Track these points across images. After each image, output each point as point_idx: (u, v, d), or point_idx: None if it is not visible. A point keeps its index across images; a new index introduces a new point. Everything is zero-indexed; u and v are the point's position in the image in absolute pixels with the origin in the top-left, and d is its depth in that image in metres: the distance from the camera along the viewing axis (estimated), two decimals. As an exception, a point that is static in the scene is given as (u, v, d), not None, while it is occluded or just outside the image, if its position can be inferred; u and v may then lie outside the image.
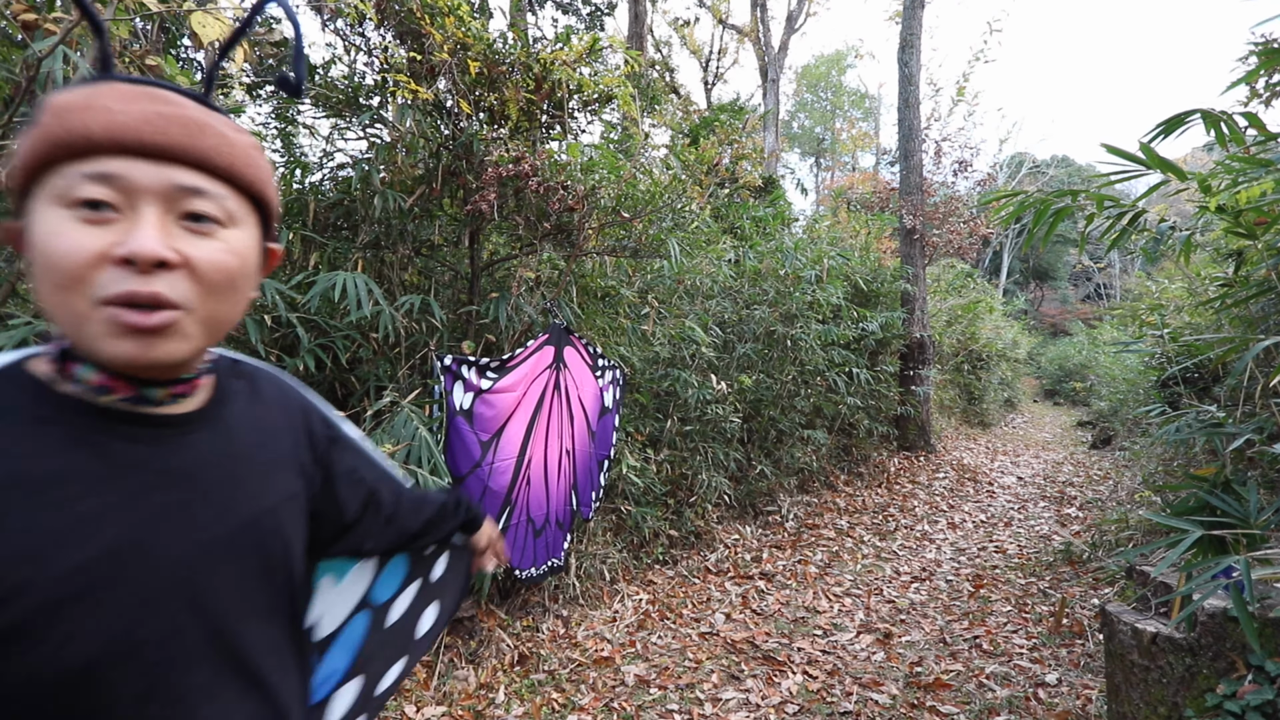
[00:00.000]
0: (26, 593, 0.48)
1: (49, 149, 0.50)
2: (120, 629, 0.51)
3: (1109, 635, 2.29)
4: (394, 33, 2.91)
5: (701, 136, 6.44)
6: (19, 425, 0.52)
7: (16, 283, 1.80)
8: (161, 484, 0.56)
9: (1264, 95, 4.50)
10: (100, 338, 0.50)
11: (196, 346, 0.55)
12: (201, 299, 0.54)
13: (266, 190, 0.60)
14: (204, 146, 0.53)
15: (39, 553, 0.49)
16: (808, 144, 29.54)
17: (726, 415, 4.45)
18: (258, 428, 0.67)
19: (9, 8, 1.63)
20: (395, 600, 1.04)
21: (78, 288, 0.50)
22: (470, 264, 3.17)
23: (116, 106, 0.50)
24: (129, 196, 0.50)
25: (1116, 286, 28.07)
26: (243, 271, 0.57)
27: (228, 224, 0.56)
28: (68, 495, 0.51)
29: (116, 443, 0.55)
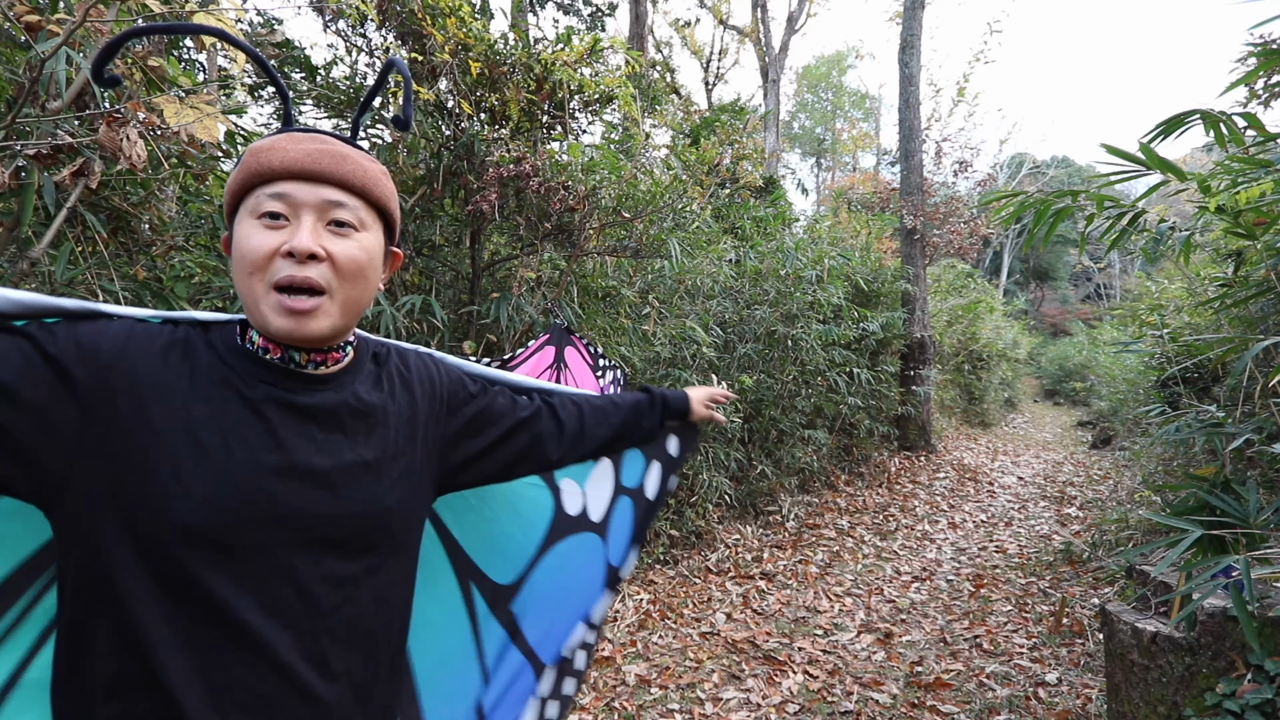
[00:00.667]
0: (207, 482, 0.67)
1: (247, 178, 0.72)
2: (217, 508, 0.67)
3: (1109, 635, 2.29)
4: (395, 33, 2.92)
5: (702, 137, 6.44)
6: (221, 356, 0.74)
7: (19, 283, 1.81)
8: (291, 418, 0.75)
9: (1263, 96, 4.50)
10: (269, 315, 0.71)
11: (335, 325, 0.74)
12: (339, 284, 0.73)
13: (390, 204, 0.80)
14: (344, 171, 0.74)
15: (227, 452, 0.69)
16: (808, 144, 29.54)
17: (727, 415, 4.45)
18: (375, 395, 0.83)
19: (12, 9, 1.63)
20: (646, 480, 1.31)
21: (258, 274, 0.70)
22: (471, 264, 3.17)
23: (289, 147, 0.72)
24: (294, 208, 0.71)
25: (1116, 287, 28.07)
26: (370, 263, 0.76)
27: (360, 229, 0.75)
28: (223, 401, 0.71)
29: (265, 385, 0.74)
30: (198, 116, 1.79)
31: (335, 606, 0.74)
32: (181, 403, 0.69)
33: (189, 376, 0.70)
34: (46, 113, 1.68)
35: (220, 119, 1.92)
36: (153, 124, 1.72)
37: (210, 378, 0.72)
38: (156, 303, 2.08)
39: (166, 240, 2.20)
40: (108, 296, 1.92)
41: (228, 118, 2.19)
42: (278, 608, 0.70)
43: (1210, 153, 9.67)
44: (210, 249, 2.56)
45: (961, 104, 14.14)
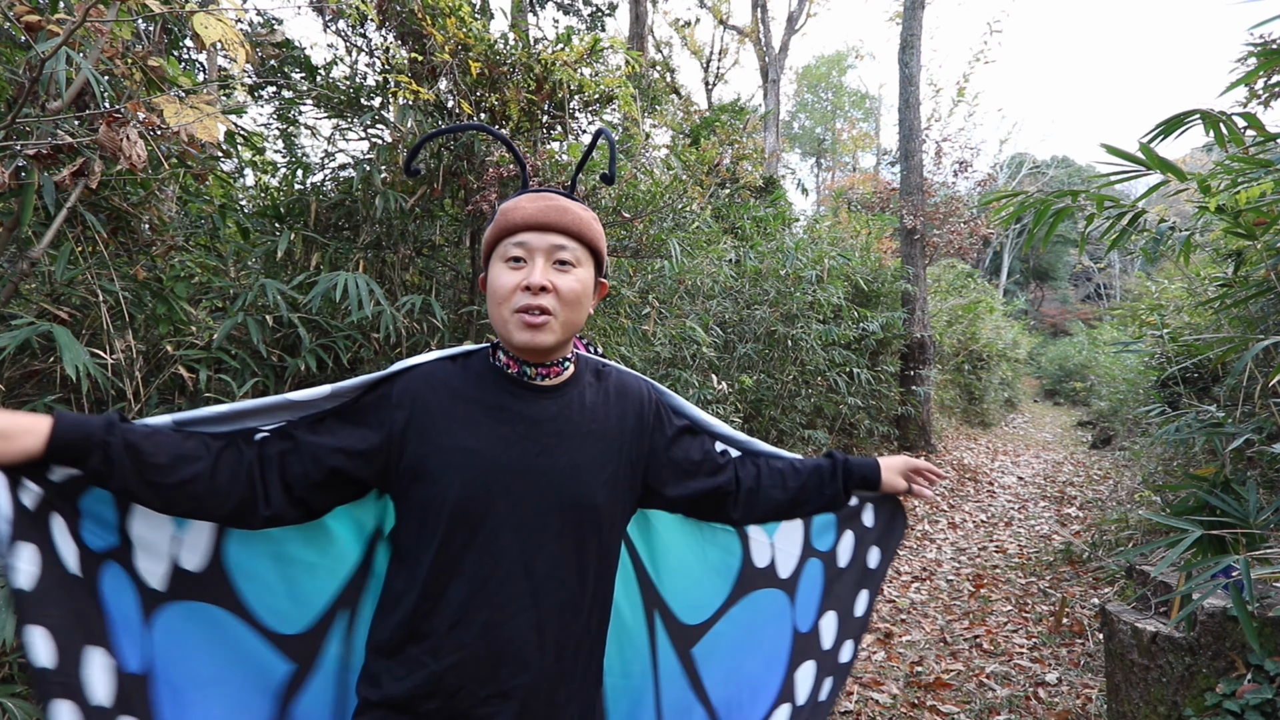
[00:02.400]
0: (444, 453, 0.93)
1: (498, 232, 0.96)
2: (472, 493, 0.92)
3: (1109, 635, 2.29)
4: (395, 34, 2.92)
5: (702, 137, 6.44)
6: (470, 375, 0.99)
7: (19, 283, 1.81)
8: (514, 421, 0.96)
9: (1263, 96, 4.50)
10: (512, 331, 0.93)
11: (559, 339, 0.95)
12: (561, 307, 0.94)
13: (599, 245, 1.00)
14: (567, 221, 0.95)
15: (476, 449, 0.93)
16: (808, 144, 29.53)
17: (727, 415, 4.45)
18: (590, 406, 1.02)
19: (12, 9, 1.63)
20: (838, 547, 1.32)
21: (505, 303, 0.94)
22: (471, 264, 3.17)
23: (527, 205, 0.95)
24: (530, 254, 0.94)
25: (1116, 287, 28.07)
26: (584, 292, 0.97)
27: (577, 265, 0.96)
28: (474, 412, 0.96)
29: (507, 396, 0.98)
30: (198, 116, 1.79)
31: (552, 586, 0.94)
32: (444, 418, 0.95)
33: (450, 399, 0.96)
34: (46, 113, 1.68)
35: (220, 119, 1.92)
36: (153, 124, 1.71)
37: (464, 396, 0.97)
38: (156, 303, 2.08)
39: (166, 240, 2.20)
40: (108, 296, 1.92)
41: (228, 118, 2.18)
42: (509, 578, 0.92)
43: (1210, 153, 9.67)
44: (210, 249, 2.56)
45: (961, 104, 14.16)
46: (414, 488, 0.94)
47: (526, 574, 0.93)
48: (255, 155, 3.25)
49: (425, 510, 0.93)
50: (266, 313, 2.31)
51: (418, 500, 0.94)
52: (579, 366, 1.06)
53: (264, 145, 3.40)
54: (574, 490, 0.97)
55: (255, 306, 2.30)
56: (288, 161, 3.17)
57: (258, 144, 3.23)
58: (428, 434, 0.94)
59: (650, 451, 1.09)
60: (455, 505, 0.91)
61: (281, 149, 3.23)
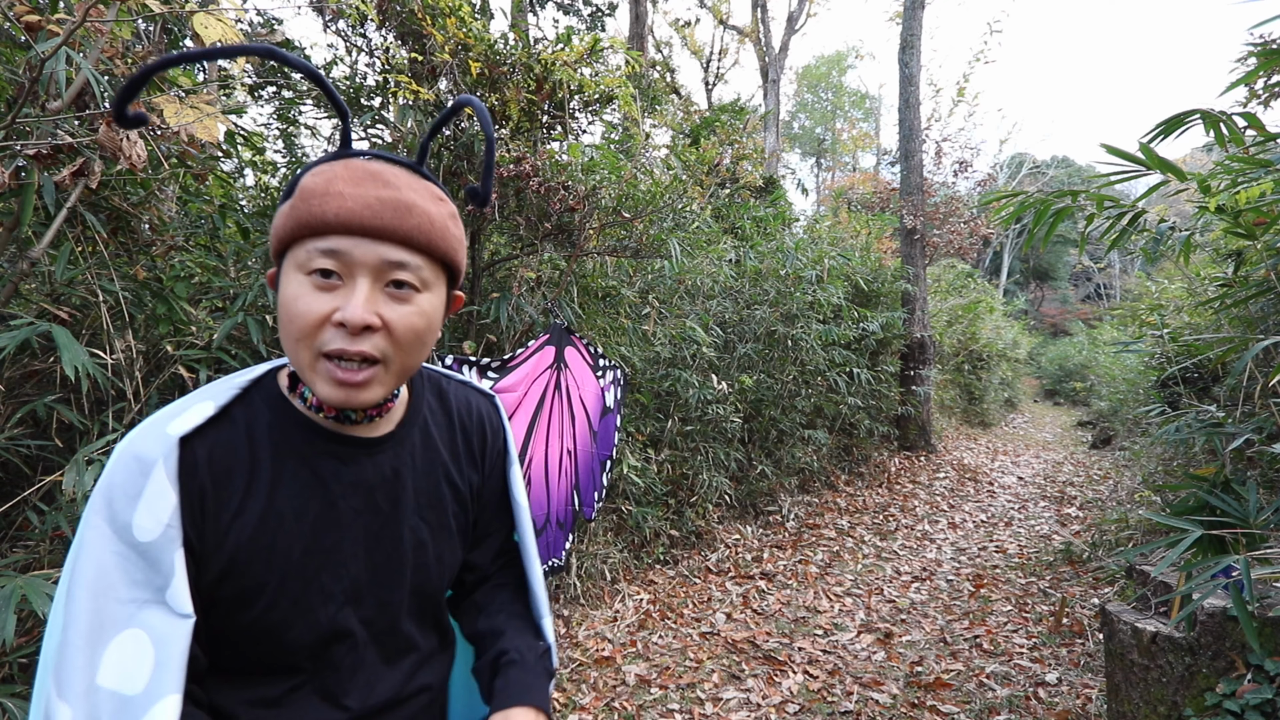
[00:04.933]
0: (248, 570, 0.66)
1: (296, 228, 0.64)
2: (304, 605, 0.69)
3: (1109, 635, 2.29)
4: (395, 33, 2.92)
5: (702, 137, 6.44)
6: (261, 435, 0.70)
7: (19, 283, 1.81)
8: (347, 494, 0.72)
9: (1263, 96, 4.50)
10: (319, 384, 0.66)
11: (388, 391, 0.69)
12: (396, 353, 0.67)
13: (457, 256, 0.72)
14: (408, 227, 0.65)
15: (262, 540, 0.67)
16: (808, 144, 29.53)
17: (727, 415, 4.45)
18: (433, 448, 0.80)
19: (12, 9, 1.63)
20: None
21: (307, 341, 0.64)
22: (471, 264, 3.17)
23: (347, 191, 0.63)
24: (349, 269, 0.64)
25: (1116, 287, 28.06)
26: (429, 329, 0.70)
27: (422, 289, 0.68)
28: (287, 494, 0.69)
29: (322, 458, 0.71)
30: (198, 116, 1.79)
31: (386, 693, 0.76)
32: (239, 513, 0.69)
33: (243, 478, 0.69)
34: (46, 113, 1.68)
35: (220, 119, 1.92)
36: (153, 124, 1.71)
37: (263, 469, 0.70)
38: (156, 303, 2.08)
39: (166, 240, 2.20)
40: (108, 296, 1.92)
41: (228, 118, 2.19)
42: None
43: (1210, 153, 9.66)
44: (210, 249, 2.56)
45: (961, 104, 14.15)
46: (220, 610, 0.67)
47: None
48: (255, 155, 3.25)
49: (241, 632, 0.69)
50: (266, 313, 2.31)
51: (229, 623, 0.68)
52: (415, 388, 0.80)
53: (264, 145, 3.40)
54: (424, 565, 0.77)
55: (255, 306, 2.29)
56: (288, 161, 3.16)
57: (258, 144, 3.23)
58: (216, 542, 0.67)
59: (480, 493, 0.87)
60: (276, 628, 0.69)
61: (281, 149, 3.23)
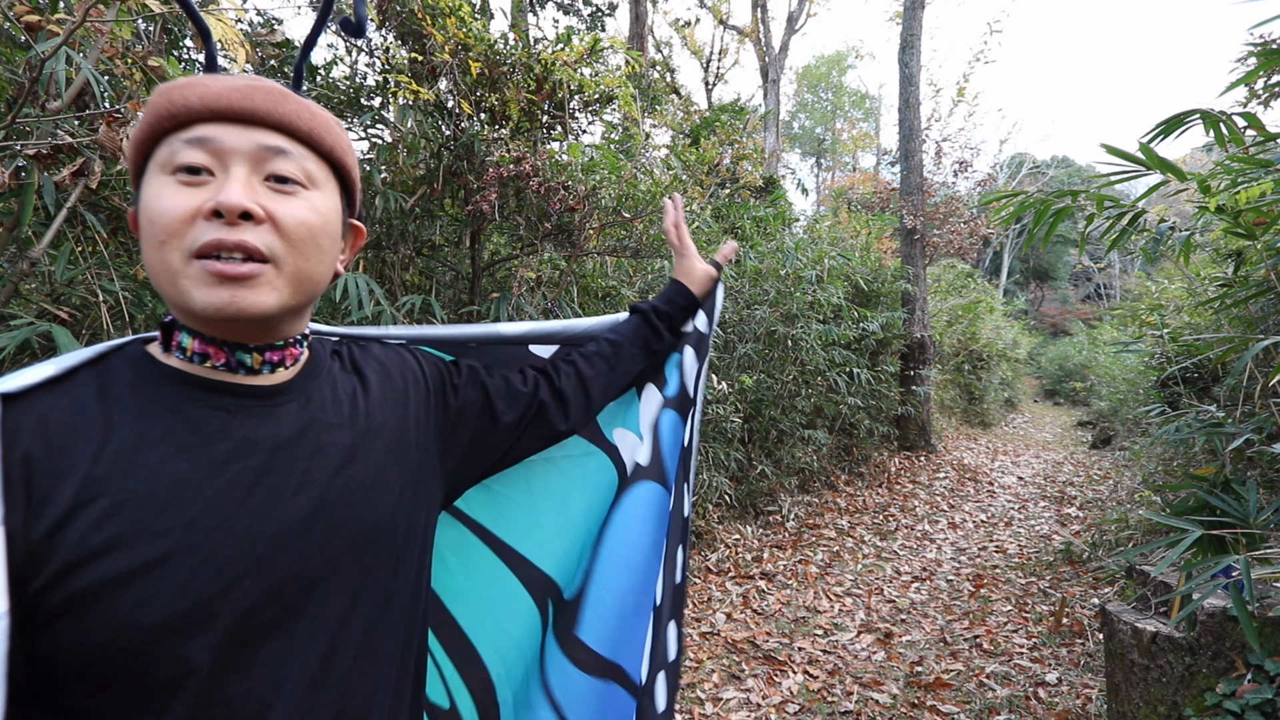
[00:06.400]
0: (111, 554, 0.50)
1: (156, 120, 0.55)
2: (195, 595, 0.52)
3: (1109, 635, 2.29)
4: (395, 33, 2.92)
5: (702, 137, 6.44)
6: (120, 393, 0.56)
7: (19, 283, 1.81)
8: (242, 453, 0.57)
9: (1263, 96, 4.50)
10: (193, 289, 0.54)
11: (284, 301, 0.58)
12: (287, 252, 0.57)
13: (346, 158, 0.63)
14: (286, 110, 0.57)
15: (126, 515, 0.51)
16: (808, 144, 29.52)
17: (727, 415, 4.45)
18: (352, 400, 0.68)
19: (12, 9, 1.63)
20: (684, 375, 1.11)
21: (174, 241, 0.54)
22: (471, 264, 3.17)
23: (212, 83, 0.56)
24: (221, 158, 0.55)
25: (1116, 286, 28.06)
26: (325, 230, 0.60)
27: (309, 185, 0.59)
28: (158, 458, 0.54)
29: (204, 410, 0.57)
30: (198, 116, 1.79)
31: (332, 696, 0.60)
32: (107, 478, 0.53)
33: (100, 441, 0.54)
34: (46, 113, 1.68)
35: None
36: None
37: (127, 428, 0.54)
38: (157, 302, 2.08)
39: (166, 240, 2.19)
40: (108, 296, 1.92)
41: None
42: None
43: (1210, 153, 9.66)
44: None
45: (961, 104, 14.15)
46: (68, 620, 0.49)
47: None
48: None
49: (93, 657, 0.49)
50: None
51: (80, 640, 0.49)
52: (314, 345, 0.70)
53: None
54: (360, 531, 0.62)
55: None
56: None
57: None
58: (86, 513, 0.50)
59: (445, 427, 0.79)
60: (152, 636, 0.50)
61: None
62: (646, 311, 1.07)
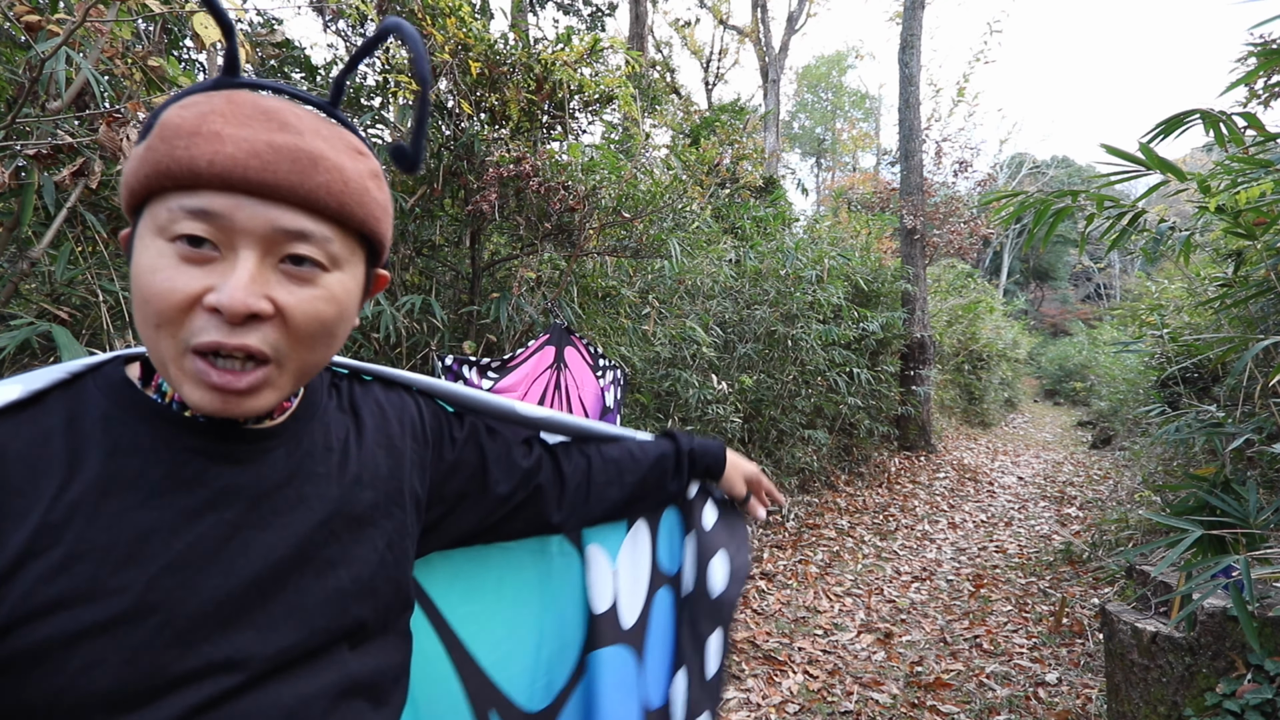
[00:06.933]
0: (59, 612, 0.45)
1: (154, 178, 0.47)
2: (150, 663, 0.46)
3: (1109, 635, 2.29)
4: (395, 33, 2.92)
5: (702, 137, 6.45)
6: (90, 426, 0.50)
7: (19, 283, 1.81)
8: (219, 503, 0.52)
9: (1263, 96, 4.50)
10: (184, 385, 0.48)
11: (283, 396, 0.52)
12: (293, 349, 0.50)
13: (378, 229, 0.55)
14: (313, 185, 0.48)
15: (81, 569, 0.46)
16: (808, 144, 29.54)
17: (727, 415, 4.45)
18: (343, 447, 0.62)
19: (12, 9, 1.63)
20: (684, 563, 0.98)
21: (169, 329, 0.47)
22: (471, 264, 3.17)
23: (227, 132, 0.46)
24: (229, 236, 0.47)
25: (1116, 287, 28.07)
26: (340, 319, 0.53)
27: (330, 268, 0.51)
28: (124, 505, 0.48)
29: (182, 454, 0.51)
30: (198, 116, 1.79)
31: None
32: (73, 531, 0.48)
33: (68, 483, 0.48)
34: (46, 113, 1.68)
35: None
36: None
37: (104, 474, 0.49)
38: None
39: (166, 240, 2.19)
40: (107, 296, 1.92)
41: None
42: None
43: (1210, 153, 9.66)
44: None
45: (961, 104, 14.16)
46: (6, 680, 0.44)
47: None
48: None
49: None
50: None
51: (16, 704, 0.44)
52: (313, 381, 0.64)
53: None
54: (338, 592, 0.56)
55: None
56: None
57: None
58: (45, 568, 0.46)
59: (435, 481, 0.72)
60: (95, 706, 0.45)
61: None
62: (680, 441, 0.97)
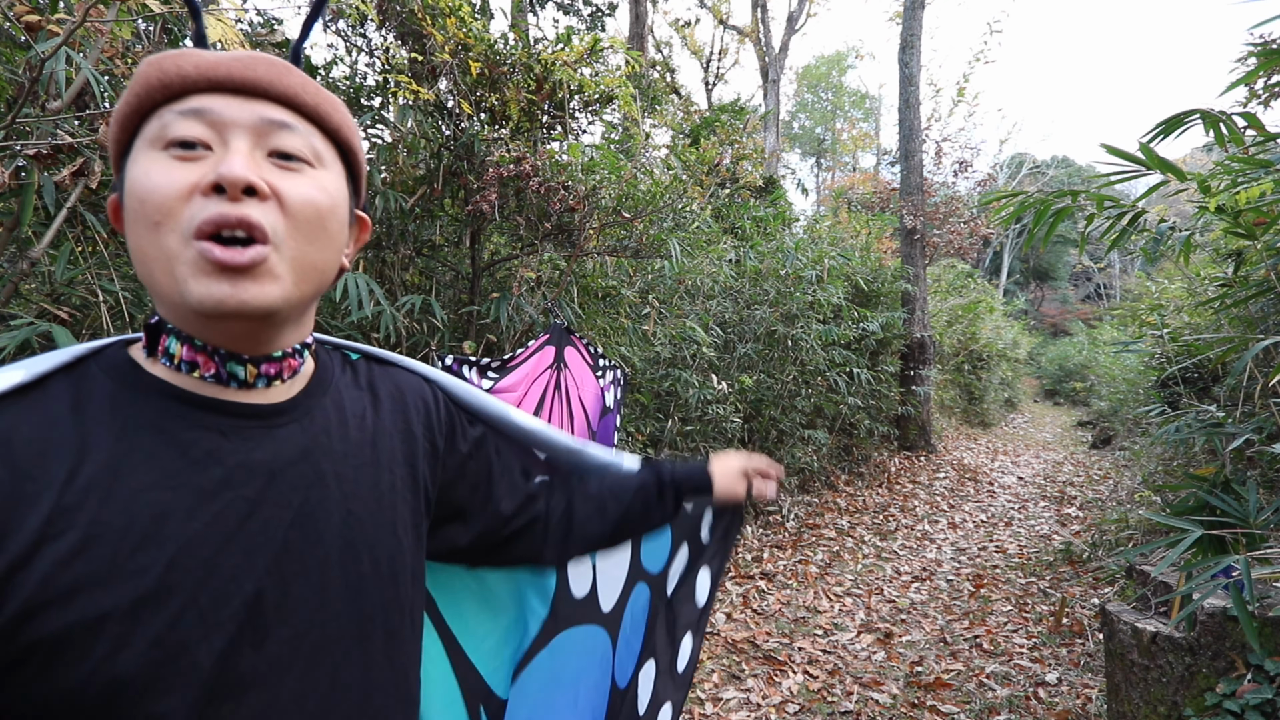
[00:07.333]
0: (79, 597, 0.44)
1: (146, 91, 0.50)
2: (174, 643, 0.47)
3: (1109, 635, 2.29)
4: (395, 33, 2.92)
5: (702, 137, 6.45)
6: (97, 407, 0.50)
7: (19, 283, 1.81)
8: (235, 481, 0.52)
9: (1263, 96, 4.50)
10: (189, 278, 0.48)
11: (287, 293, 0.52)
12: (291, 234, 0.51)
13: (353, 139, 0.58)
14: (290, 83, 0.53)
15: (99, 551, 0.46)
16: (808, 144, 29.53)
17: (727, 415, 4.45)
18: (360, 424, 0.62)
19: (12, 9, 1.63)
20: (670, 567, 0.99)
21: (169, 222, 0.48)
22: (471, 264, 3.17)
23: (208, 54, 0.51)
24: (219, 131, 0.50)
25: (1116, 287, 28.07)
26: (333, 213, 0.55)
27: (316, 164, 0.54)
28: (138, 485, 0.48)
29: (194, 431, 0.51)
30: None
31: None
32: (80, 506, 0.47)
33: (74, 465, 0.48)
34: (46, 113, 1.68)
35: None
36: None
37: (106, 452, 0.48)
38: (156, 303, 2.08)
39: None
40: (108, 296, 1.92)
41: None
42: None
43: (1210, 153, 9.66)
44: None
45: (961, 104, 14.16)
46: (28, 670, 0.43)
47: None
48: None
49: (54, 714, 0.44)
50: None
51: (40, 694, 0.44)
52: (320, 355, 0.64)
53: None
54: (357, 575, 0.57)
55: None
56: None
57: None
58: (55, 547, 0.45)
59: (442, 478, 0.71)
60: (122, 690, 0.44)
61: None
62: (662, 473, 0.95)
